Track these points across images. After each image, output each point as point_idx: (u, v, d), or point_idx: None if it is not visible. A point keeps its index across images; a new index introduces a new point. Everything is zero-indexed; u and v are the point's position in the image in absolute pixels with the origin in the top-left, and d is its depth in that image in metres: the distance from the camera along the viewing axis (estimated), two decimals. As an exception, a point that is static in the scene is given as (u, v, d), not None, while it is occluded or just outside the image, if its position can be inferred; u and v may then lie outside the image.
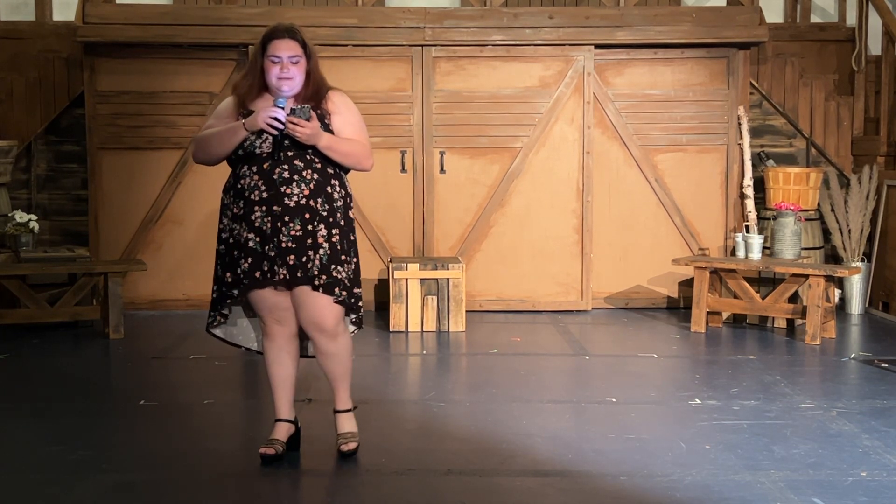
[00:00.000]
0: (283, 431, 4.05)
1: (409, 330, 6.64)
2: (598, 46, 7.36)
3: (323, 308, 3.89)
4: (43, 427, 4.47)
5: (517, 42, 7.31)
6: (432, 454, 4.11)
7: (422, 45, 7.31)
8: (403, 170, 7.38)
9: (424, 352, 6.16)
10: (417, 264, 6.74)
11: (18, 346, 6.16)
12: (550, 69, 7.37)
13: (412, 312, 6.66)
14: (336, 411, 4.14)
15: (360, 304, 4.02)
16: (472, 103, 7.36)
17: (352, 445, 4.05)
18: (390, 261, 6.85)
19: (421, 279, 6.67)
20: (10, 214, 6.77)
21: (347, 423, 4.12)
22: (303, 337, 4.12)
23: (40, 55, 7.62)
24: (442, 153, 7.35)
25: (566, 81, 7.35)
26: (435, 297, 6.68)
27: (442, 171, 7.36)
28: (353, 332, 4.10)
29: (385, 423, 4.49)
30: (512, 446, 4.19)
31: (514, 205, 7.41)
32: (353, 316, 4.05)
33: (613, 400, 4.96)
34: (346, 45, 7.26)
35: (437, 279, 6.69)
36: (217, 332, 4.12)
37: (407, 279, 6.66)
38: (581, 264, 7.40)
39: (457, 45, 7.33)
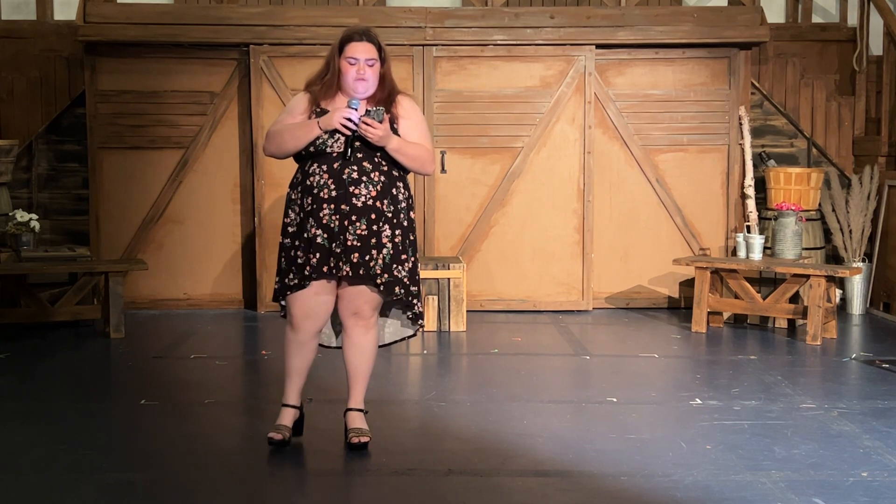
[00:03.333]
0: (289, 417, 4.18)
1: (410, 330, 6.64)
2: (599, 46, 7.35)
3: (364, 295, 4.05)
4: (43, 427, 4.46)
5: (518, 42, 7.31)
6: (433, 454, 4.11)
7: (423, 45, 7.31)
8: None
9: (425, 352, 6.15)
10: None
11: (18, 345, 6.16)
12: (551, 69, 7.37)
13: (413, 312, 6.66)
14: (349, 409, 4.22)
15: (420, 302, 4.14)
16: (473, 103, 7.36)
17: (364, 438, 4.12)
18: (391, 260, 6.85)
19: (422, 279, 6.66)
20: (10, 214, 6.77)
21: (359, 420, 4.20)
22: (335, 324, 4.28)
23: (41, 54, 7.62)
24: (443, 153, 7.34)
25: (567, 81, 7.35)
26: (436, 297, 6.68)
27: (443, 170, 7.36)
28: (415, 331, 4.27)
29: (386, 423, 4.49)
30: (512, 446, 4.19)
31: (514, 204, 7.40)
32: (409, 313, 4.17)
33: (614, 400, 4.96)
34: (347, 45, 7.25)
35: (437, 279, 6.69)
36: None
37: (408, 279, 6.66)
38: (582, 264, 7.40)
39: (458, 45, 7.32)
